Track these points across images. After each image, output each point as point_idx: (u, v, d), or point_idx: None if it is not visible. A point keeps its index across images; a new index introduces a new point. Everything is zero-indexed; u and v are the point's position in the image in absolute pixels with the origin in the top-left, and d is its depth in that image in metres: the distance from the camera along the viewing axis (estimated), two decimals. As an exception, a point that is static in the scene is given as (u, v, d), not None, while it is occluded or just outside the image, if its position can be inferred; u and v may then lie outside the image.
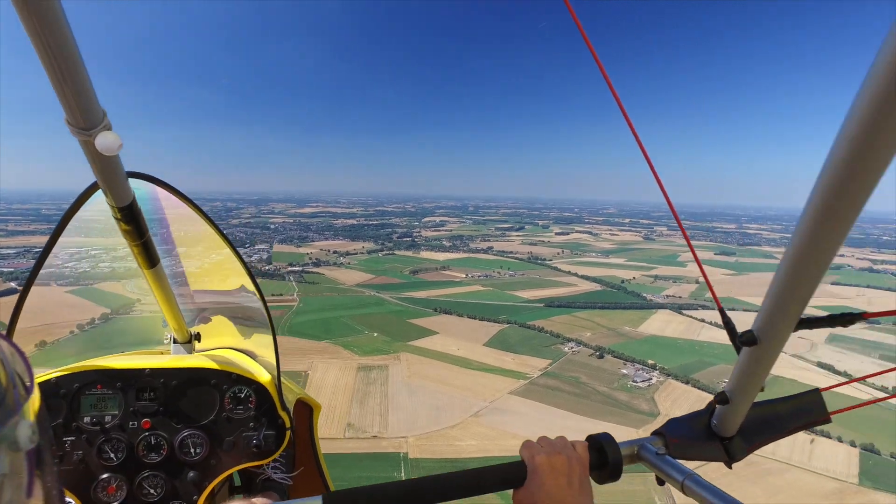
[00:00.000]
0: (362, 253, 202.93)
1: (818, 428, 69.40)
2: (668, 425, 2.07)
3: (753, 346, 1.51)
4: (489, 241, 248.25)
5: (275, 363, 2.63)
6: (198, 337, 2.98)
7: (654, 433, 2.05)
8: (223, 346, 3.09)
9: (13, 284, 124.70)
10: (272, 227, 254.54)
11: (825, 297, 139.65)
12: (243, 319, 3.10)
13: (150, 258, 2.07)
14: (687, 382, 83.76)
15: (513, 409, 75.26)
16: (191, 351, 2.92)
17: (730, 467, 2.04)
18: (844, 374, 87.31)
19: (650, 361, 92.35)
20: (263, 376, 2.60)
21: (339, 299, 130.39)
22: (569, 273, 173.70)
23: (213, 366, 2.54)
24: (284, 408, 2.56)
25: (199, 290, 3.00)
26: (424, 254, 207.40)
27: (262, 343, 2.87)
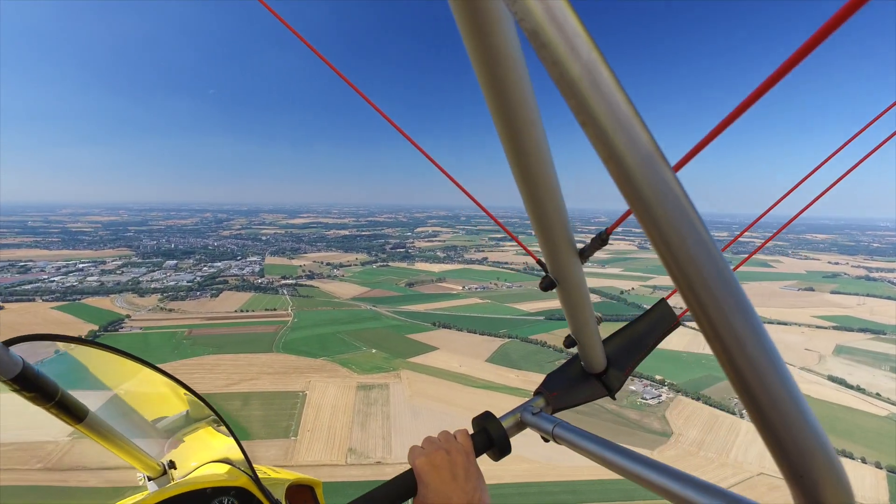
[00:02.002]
0: (356, 265, 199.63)
1: (839, 448, 67.94)
2: (547, 381, 2.20)
3: (556, 287, 1.65)
4: (483, 251, 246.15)
5: (244, 458, 2.52)
6: (172, 465, 2.71)
7: (535, 392, 2.17)
8: (202, 464, 2.78)
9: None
10: (264, 238, 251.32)
11: (826, 307, 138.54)
12: (206, 429, 2.88)
13: (73, 414, 1.99)
14: (698, 399, 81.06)
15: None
16: (168, 482, 2.66)
17: (613, 398, 2.16)
18: (857, 388, 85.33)
19: (658, 377, 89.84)
20: (241, 478, 2.50)
21: (334, 313, 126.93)
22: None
23: (185, 489, 2.38)
24: (272, 500, 2.47)
25: (152, 419, 2.77)
26: (419, 265, 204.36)
27: (231, 445, 2.66)
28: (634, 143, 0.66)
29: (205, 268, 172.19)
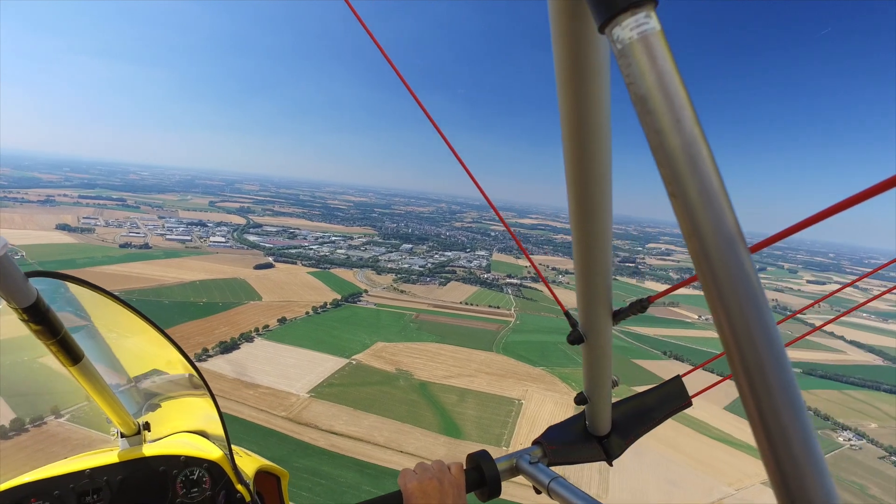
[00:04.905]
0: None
1: None
2: (548, 433, 2.20)
3: (582, 343, 1.66)
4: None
5: (223, 435, 2.60)
6: (147, 427, 2.75)
7: (534, 442, 2.17)
8: (176, 431, 2.94)
9: (271, 259, 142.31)
10: (492, 234, 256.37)
11: None
12: (189, 399, 2.93)
13: (71, 355, 2.03)
14: None
15: (770, 507, 59.52)
16: (140, 443, 2.71)
17: (610, 464, 2.16)
18: None
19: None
20: (214, 453, 2.61)
21: (557, 322, 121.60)
22: (832, 335, 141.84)
23: (159, 452, 2.56)
24: (242, 482, 2.55)
25: (138, 377, 2.82)
26: (649, 284, 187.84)
27: (212, 419, 2.71)
28: (720, 224, 0.64)
29: (436, 255, 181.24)
